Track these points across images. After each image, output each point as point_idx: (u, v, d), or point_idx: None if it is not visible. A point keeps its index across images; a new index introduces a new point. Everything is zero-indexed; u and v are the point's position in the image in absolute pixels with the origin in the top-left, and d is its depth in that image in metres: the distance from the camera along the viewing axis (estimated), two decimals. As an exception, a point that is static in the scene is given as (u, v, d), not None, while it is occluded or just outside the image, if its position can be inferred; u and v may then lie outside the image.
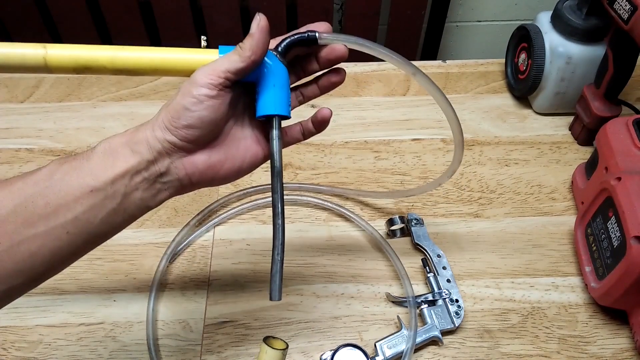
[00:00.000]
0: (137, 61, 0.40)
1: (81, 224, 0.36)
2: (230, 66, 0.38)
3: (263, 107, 0.41)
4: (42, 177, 0.36)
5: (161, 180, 0.39)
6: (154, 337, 0.55)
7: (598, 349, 0.56)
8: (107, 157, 0.37)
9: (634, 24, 0.60)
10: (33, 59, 0.38)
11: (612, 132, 0.61)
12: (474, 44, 1.44)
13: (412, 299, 0.57)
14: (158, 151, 0.38)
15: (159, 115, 0.38)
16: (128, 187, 0.37)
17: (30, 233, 0.35)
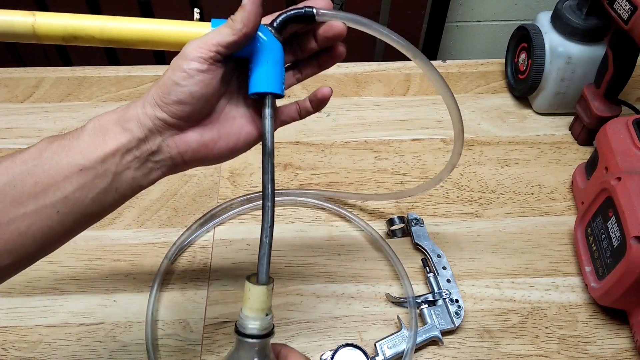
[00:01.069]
0: (127, 32, 0.39)
1: (71, 203, 0.35)
2: (222, 39, 0.37)
3: (255, 84, 0.39)
4: (31, 156, 0.35)
5: (153, 159, 0.38)
6: (153, 338, 0.55)
7: (598, 349, 0.56)
8: (97, 135, 0.36)
9: (634, 24, 0.60)
10: (21, 27, 0.37)
11: (612, 132, 0.61)
12: (474, 44, 1.44)
13: (412, 299, 0.57)
14: (149, 129, 0.37)
15: (150, 92, 0.37)
16: (119, 165, 0.36)
17: (19, 212, 0.34)
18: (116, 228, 0.65)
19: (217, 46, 0.36)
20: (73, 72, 0.84)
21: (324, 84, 0.82)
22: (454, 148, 0.50)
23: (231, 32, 0.37)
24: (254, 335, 0.38)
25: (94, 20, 0.38)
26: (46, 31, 0.38)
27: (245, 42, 0.38)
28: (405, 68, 0.86)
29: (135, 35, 0.39)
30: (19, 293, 0.59)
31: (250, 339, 0.37)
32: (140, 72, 0.84)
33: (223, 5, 1.17)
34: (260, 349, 0.38)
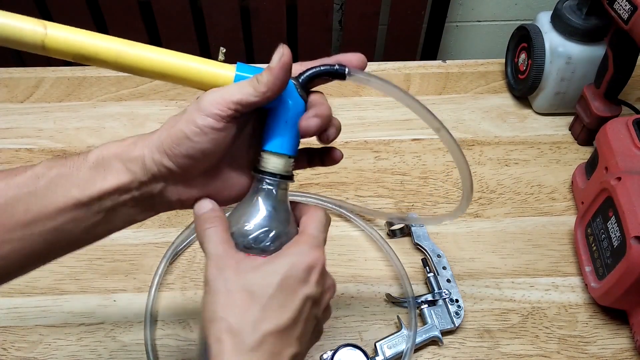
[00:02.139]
0: (145, 63, 0.36)
1: (61, 233, 0.35)
2: (242, 98, 0.34)
3: (272, 143, 0.37)
4: (27, 181, 0.34)
5: (151, 201, 0.37)
6: (152, 338, 0.55)
7: (598, 349, 0.56)
8: (99, 169, 0.35)
9: (634, 24, 0.60)
10: (30, 38, 0.34)
11: (612, 132, 0.61)
12: (474, 44, 1.43)
13: (412, 299, 0.57)
14: (153, 174, 0.35)
15: (160, 136, 0.35)
16: (115, 202, 0.35)
17: (5, 237, 0.33)
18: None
19: (236, 104, 0.34)
20: (73, 72, 0.84)
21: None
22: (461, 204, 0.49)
23: (254, 93, 0.35)
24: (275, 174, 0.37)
25: (110, 43, 0.35)
26: (56, 48, 0.35)
27: (266, 104, 0.36)
28: (405, 68, 0.86)
29: (154, 67, 0.36)
30: (19, 293, 0.59)
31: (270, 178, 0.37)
32: (140, 72, 0.84)
33: (223, 5, 1.17)
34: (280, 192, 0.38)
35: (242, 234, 0.37)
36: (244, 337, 0.32)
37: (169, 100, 0.80)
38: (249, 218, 0.37)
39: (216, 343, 0.33)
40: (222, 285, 0.34)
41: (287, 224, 0.38)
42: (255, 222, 0.37)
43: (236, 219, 0.38)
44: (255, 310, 0.33)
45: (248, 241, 0.37)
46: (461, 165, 0.43)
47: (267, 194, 0.37)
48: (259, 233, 0.37)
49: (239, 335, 0.33)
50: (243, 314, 0.33)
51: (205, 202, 0.38)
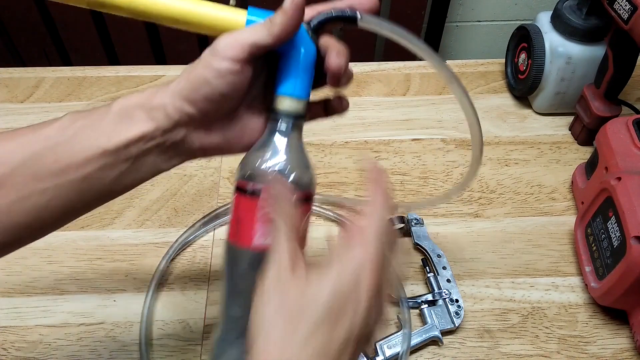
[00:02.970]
0: (158, 6, 0.36)
1: (91, 182, 0.35)
2: (256, 40, 0.35)
3: (284, 87, 0.38)
4: (54, 132, 0.35)
5: (175, 148, 0.38)
6: (147, 338, 0.55)
7: (598, 349, 0.56)
8: (122, 119, 0.36)
9: (634, 24, 0.60)
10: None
11: (612, 132, 0.61)
12: (474, 44, 1.43)
13: (404, 300, 0.57)
14: (175, 121, 0.36)
15: (179, 83, 0.36)
16: (141, 151, 0.36)
17: (39, 187, 0.34)
18: (116, 228, 0.65)
19: (251, 47, 0.35)
20: (73, 72, 0.84)
21: (324, 84, 0.82)
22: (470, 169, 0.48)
23: (268, 35, 0.35)
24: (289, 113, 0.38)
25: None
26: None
27: (280, 46, 0.36)
28: (405, 68, 0.86)
29: (166, 12, 0.37)
30: (19, 293, 0.59)
31: (284, 117, 0.38)
32: (140, 72, 0.84)
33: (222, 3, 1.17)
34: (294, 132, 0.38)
35: (260, 171, 0.38)
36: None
37: (169, 100, 0.80)
38: (265, 155, 0.38)
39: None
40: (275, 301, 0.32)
41: (302, 161, 0.39)
42: (272, 158, 0.38)
43: (253, 157, 0.38)
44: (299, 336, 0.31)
45: (266, 177, 0.37)
46: (472, 120, 0.43)
47: (281, 133, 0.38)
48: (277, 169, 0.38)
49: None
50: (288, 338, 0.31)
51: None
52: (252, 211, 0.37)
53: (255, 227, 0.37)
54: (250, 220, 0.38)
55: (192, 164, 0.72)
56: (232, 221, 0.39)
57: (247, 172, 0.38)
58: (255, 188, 0.37)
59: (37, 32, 1.23)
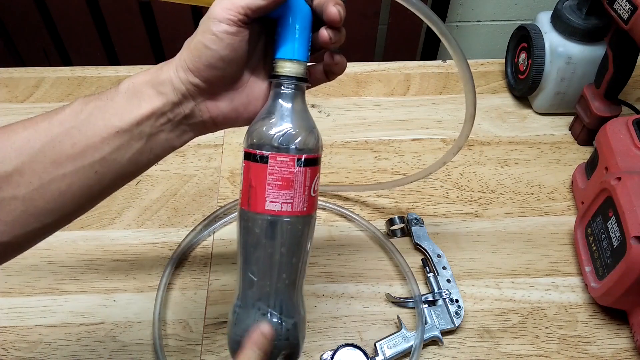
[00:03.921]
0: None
1: (109, 163, 0.36)
2: (251, 3, 0.36)
3: (282, 50, 0.39)
4: (68, 117, 0.36)
5: (186, 122, 0.39)
6: (161, 344, 0.55)
7: (598, 349, 0.56)
8: (132, 97, 0.37)
9: (634, 24, 0.60)
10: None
11: (612, 132, 0.61)
12: (474, 44, 1.43)
13: (418, 297, 0.57)
14: (182, 93, 0.37)
15: (181, 55, 0.37)
16: (153, 127, 0.37)
17: (59, 172, 0.35)
18: (116, 228, 0.65)
19: (245, 9, 0.36)
20: (73, 72, 0.84)
21: (324, 83, 0.82)
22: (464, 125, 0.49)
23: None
24: (290, 76, 0.39)
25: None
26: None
27: (274, 8, 0.37)
28: (405, 68, 0.86)
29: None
30: (19, 293, 0.59)
31: (286, 80, 0.39)
32: (140, 72, 0.84)
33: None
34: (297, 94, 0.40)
35: (267, 136, 0.39)
36: None
37: (169, 100, 0.80)
38: (271, 121, 0.39)
39: None
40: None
41: (308, 122, 0.40)
42: (277, 124, 0.39)
43: (259, 124, 0.39)
44: None
45: (274, 142, 0.38)
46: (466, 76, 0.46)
47: (285, 96, 0.40)
48: (283, 133, 0.39)
49: None
50: None
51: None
52: (262, 177, 0.38)
53: (266, 192, 0.38)
54: (261, 186, 0.38)
55: (192, 164, 0.72)
56: (243, 189, 0.40)
57: (254, 139, 0.39)
58: (264, 154, 0.38)
59: (37, 32, 1.23)
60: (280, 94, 0.40)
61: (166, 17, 1.20)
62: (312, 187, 0.40)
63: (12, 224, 0.35)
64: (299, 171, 0.39)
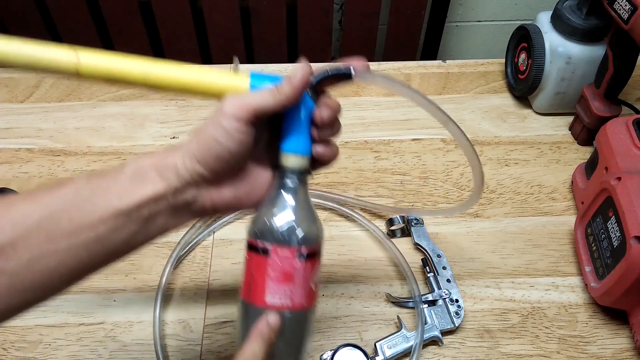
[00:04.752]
0: (169, 80, 0.39)
1: (102, 243, 0.36)
2: (261, 104, 0.37)
3: (288, 144, 0.40)
4: (69, 193, 0.36)
5: (186, 208, 0.39)
6: (161, 344, 0.55)
7: (598, 349, 0.56)
8: (135, 179, 0.37)
9: (634, 24, 0.60)
10: (65, 65, 0.37)
11: (612, 132, 0.61)
12: (474, 44, 1.43)
13: (418, 297, 0.57)
14: (186, 180, 0.37)
15: (190, 144, 0.38)
16: (152, 211, 0.37)
17: (51, 248, 0.34)
18: (116, 228, 0.65)
19: (255, 110, 0.37)
20: (73, 72, 0.84)
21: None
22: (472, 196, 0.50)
23: (272, 101, 0.38)
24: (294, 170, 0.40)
25: (138, 64, 0.38)
26: (89, 72, 0.38)
27: (282, 110, 0.39)
28: (405, 68, 0.86)
29: (177, 83, 0.39)
30: (19, 293, 0.59)
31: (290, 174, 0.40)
32: (140, 72, 0.84)
33: (223, 5, 1.17)
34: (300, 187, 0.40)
35: (270, 228, 0.39)
36: None
37: (169, 100, 0.80)
38: (274, 213, 0.39)
39: None
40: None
41: (310, 214, 0.41)
42: (280, 215, 0.39)
43: (262, 215, 0.40)
44: None
45: (277, 235, 0.38)
46: (471, 157, 0.45)
47: (288, 189, 0.40)
48: (286, 226, 0.39)
49: None
50: None
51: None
52: (263, 269, 0.38)
53: (266, 285, 0.38)
54: (261, 279, 0.38)
55: (192, 164, 0.72)
56: (244, 278, 0.40)
57: (257, 230, 0.39)
58: (265, 247, 0.38)
59: (37, 32, 1.23)
60: (284, 186, 0.40)
61: (166, 17, 1.20)
62: (313, 280, 0.40)
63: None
64: (300, 265, 0.39)
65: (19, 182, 0.69)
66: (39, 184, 0.69)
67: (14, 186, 0.66)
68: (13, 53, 0.37)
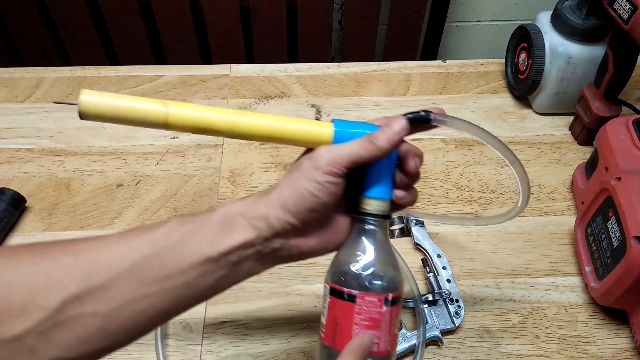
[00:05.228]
0: (255, 129, 0.39)
1: (191, 288, 0.36)
2: (355, 158, 0.38)
3: (372, 190, 0.41)
4: (161, 237, 0.36)
5: (273, 254, 0.39)
6: (161, 344, 0.55)
7: (598, 349, 0.56)
8: (225, 226, 0.37)
9: (634, 24, 0.60)
10: (154, 117, 0.38)
11: (612, 132, 0.61)
12: (474, 44, 1.44)
13: (418, 297, 0.57)
14: (276, 230, 0.38)
15: (281, 195, 0.38)
16: (240, 257, 0.37)
17: (142, 292, 0.34)
18: (116, 228, 0.65)
19: (349, 163, 0.38)
20: (73, 72, 0.84)
21: (324, 83, 0.82)
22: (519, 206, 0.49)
23: (366, 154, 0.38)
24: (376, 214, 0.40)
25: (225, 115, 0.39)
26: (178, 123, 0.38)
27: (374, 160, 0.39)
28: (405, 68, 0.86)
29: (263, 132, 0.40)
30: (19, 293, 0.59)
31: (373, 218, 0.40)
32: (140, 72, 0.84)
33: (223, 5, 1.17)
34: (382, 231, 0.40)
35: (356, 275, 0.39)
36: None
37: (169, 100, 0.80)
38: (360, 259, 0.40)
39: None
40: None
41: (393, 259, 0.41)
42: (364, 262, 0.39)
43: (345, 260, 0.40)
44: None
45: (364, 282, 0.39)
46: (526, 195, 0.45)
47: (371, 234, 0.40)
48: (372, 272, 0.39)
49: None
50: None
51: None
52: (349, 316, 0.38)
53: (353, 332, 0.38)
54: (347, 325, 0.38)
55: (192, 164, 0.72)
56: (327, 324, 0.40)
57: (342, 277, 0.39)
58: (352, 293, 0.38)
59: (37, 32, 1.23)
60: (366, 231, 0.40)
61: (166, 17, 1.20)
62: (396, 325, 0.40)
63: (83, 341, 0.33)
64: (387, 311, 0.39)
65: (19, 182, 0.69)
66: (38, 184, 0.69)
67: (14, 186, 0.66)
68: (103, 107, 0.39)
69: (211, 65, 0.86)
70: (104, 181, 0.70)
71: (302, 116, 0.48)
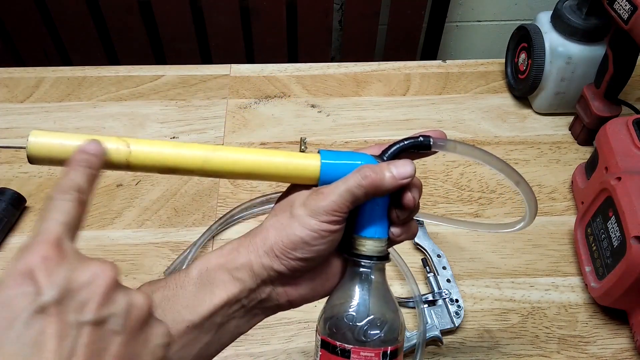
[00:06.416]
0: (231, 165, 0.35)
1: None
2: (354, 199, 0.34)
3: (367, 229, 0.36)
4: None
5: (260, 306, 0.36)
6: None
7: (598, 349, 0.56)
8: (204, 284, 0.33)
9: (634, 24, 0.60)
10: (115, 158, 0.33)
11: (612, 132, 0.61)
12: (474, 44, 1.43)
13: (418, 297, 0.57)
14: (262, 279, 0.34)
15: (268, 240, 0.34)
16: (225, 316, 0.34)
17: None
18: (116, 228, 0.65)
19: (348, 205, 0.34)
20: (73, 72, 0.84)
21: (324, 83, 0.82)
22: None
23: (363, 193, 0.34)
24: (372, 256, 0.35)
25: (195, 151, 0.34)
26: (141, 164, 0.34)
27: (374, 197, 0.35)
28: (405, 68, 0.86)
29: (240, 170, 0.35)
30: (19, 293, 0.59)
31: (367, 261, 0.35)
32: (140, 72, 0.84)
33: (223, 5, 1.17)
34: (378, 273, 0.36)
35: (350, 327, 0.35)
36: None
37: (169, 100, 0.80)
38: (354, 309, 0.36)
39: None
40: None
41: (392, 306, 0.37)
42: (359, 311, 0.36)
43: (339, 310, 0.36)
44: None
45: (359, 336, 0.35)
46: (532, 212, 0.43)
47: (366, 279, 0.36)
48: (367, 324, 0.35)
49: None
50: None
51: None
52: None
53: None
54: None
55: (192, 164, 0.72)
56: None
57: (334, 329, 0.35)
58: (345, 347, 0.34)
59: (37, 32, 1.23)
60: (361, 274, 0.36)
61: (166, 17, 1.20)
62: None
63: None
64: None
65: (19, 182, 0.69)
66: (38, 184, 0.69)
67: (14, 186, 0.66)
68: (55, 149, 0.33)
69: (211, 65, 0.86)
70: (103, 181, 0.69)
71: (302, 116, 0.48)
